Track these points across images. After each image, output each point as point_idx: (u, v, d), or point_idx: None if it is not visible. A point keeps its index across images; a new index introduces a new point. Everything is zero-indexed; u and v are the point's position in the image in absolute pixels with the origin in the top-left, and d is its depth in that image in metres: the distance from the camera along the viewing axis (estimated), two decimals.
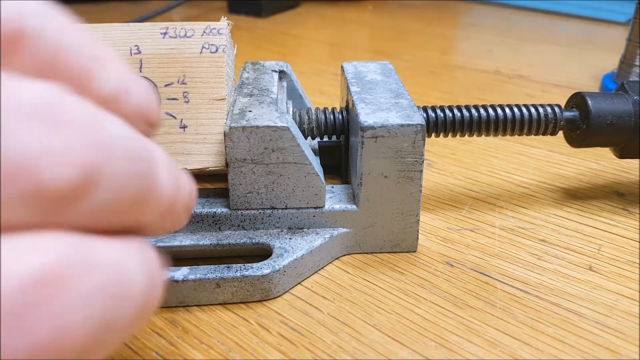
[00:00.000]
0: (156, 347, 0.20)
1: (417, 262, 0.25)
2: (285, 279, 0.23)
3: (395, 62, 0.55)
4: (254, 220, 0.24)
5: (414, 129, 0.23)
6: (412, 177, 0.24)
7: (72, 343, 0.10)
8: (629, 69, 0.45)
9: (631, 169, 0.34)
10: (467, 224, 0.28)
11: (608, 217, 0.28)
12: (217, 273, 0.22)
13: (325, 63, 0.57)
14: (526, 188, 0.31)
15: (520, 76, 0.52)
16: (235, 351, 0.20)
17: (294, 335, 0.21)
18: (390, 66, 0.30)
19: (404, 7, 0.87)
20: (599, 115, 0.26)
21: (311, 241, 0.24)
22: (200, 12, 0.81)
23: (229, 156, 0.23)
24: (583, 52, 0.61)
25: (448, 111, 0.27)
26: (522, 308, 0.22)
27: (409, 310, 0.22)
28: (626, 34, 0.46)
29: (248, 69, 0.30)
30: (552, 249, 0.26)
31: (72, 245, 0.10)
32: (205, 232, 0.25)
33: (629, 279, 0.24)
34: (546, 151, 0.36)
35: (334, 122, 0.28)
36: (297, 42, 0.66)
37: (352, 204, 0.25)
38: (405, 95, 0.26)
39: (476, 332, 0.21)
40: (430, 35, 0.69)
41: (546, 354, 0.20)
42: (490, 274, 0.24)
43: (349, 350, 0.20)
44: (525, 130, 0.27)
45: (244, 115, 0.23)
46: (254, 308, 0.22)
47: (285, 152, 0.23)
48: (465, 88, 0.49)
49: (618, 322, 0.21)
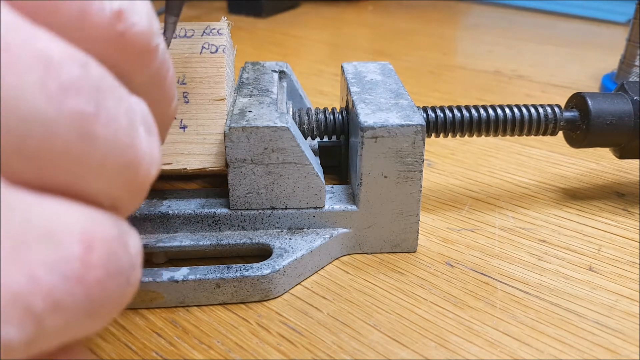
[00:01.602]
0: (156, 347, 0.20)
1: (417, 262, 0.25)
2: (285, 279, 0.23)
3: (395, 62, 0.55)
4: (253, 220, 0.24)
5: (414, 129, 0.23)
6: (412, 178, 0.24)
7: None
8: (629, 69, 0.45)
9: (631, 169, 0.34)
10: (467, 224, 0.28)
11: (608, 217, 0.28)
12: (217, 273, 0.22)
13: (325, 63, 0.57)
14: (526, 188, 0.31)
15: (520, 76, 0.52)
16: (235, 351, 0.20)
17: (294, 336, 0.21)
18: (390, 66, 0.30)
19: (404, 7, 0.87)
20: (599, 116, 0.26)
21: (311, 241, 0.24)
22: (200, 13, 0.81)
23: (229, 156, 0.23)
24: (583, 52, 0.61)
25: (448, 111, 0.27)
26: (522, 308, 0.22)
27: (409, 311, 0.22)
28: (626, 34, 0.46)
29: (248, 69, 0.30)
30: (552, 250, 0.26)
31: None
32: (205, 232, 0.25)
33: (629, 279, 0.24)
34: (546, 151, 0.36)
35: (333, 123, 0.28)
36: (297, 42, 0.66)
37: (352, 204, 0.25)
38: (405, 95, 0.26)
39: (476, 333, 0.21)
40: (430, 36, 0.69)
41: (546, 354, 0.20)
42: (490, 274, 0.24)
43: (348, 351, 0.20)
44: (525, 130, 0.27)
45: (244, 115, 0.23)
46: (254, 308, 0.22)
47: (285, 152, 0.23)
48: (465, 88, 0.49)
49: (618, 322, 0.21)
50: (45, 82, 0.10)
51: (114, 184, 0.12)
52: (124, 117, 0.12)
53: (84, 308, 0.11)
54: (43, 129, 0.10)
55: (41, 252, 0.10)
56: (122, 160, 0.12)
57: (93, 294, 0.11)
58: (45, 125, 0.10)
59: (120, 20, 0.12)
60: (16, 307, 0.10)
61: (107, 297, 0.11)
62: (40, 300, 0.10)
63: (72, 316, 0.11)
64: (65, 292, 0.10)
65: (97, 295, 0.11)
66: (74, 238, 0.11)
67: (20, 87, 0.10)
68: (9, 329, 0.10)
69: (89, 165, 0.11)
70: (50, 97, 0.10)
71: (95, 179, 0.12)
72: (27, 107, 0.10)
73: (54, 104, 0.10)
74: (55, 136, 0.10)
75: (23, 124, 0.10)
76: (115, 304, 0.12)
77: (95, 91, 0.11)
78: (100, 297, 0.11)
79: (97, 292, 0.11)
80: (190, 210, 0.24)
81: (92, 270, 0.11)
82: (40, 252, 0.10)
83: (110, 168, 0.12)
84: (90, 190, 0.12)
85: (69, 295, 0.10)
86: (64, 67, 0.11)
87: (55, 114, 0.10)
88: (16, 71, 0.10)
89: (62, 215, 0.11)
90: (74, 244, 0.11)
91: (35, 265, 0.10)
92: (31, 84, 0.10)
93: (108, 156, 0.12)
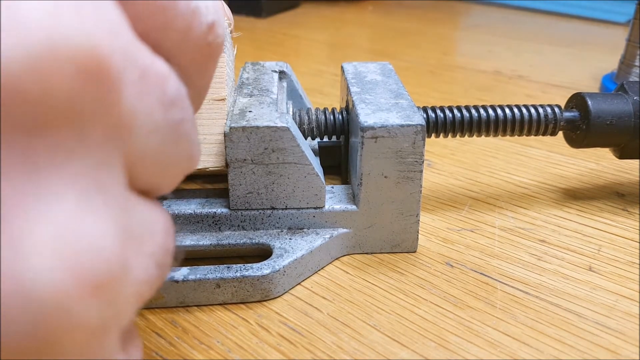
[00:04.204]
0: (156, 347, 0.20)
1: (417, 262, 0.25)
2: (285, 279, 0.23)
3: (395, 62, 0.55)
4: (254, 220, 0.24)
5: (414, 130, 0.23)
6: (412, 178, 0.24)
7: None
8: (628, 69, 0.45)
9: (631, 169, 0.34)
10: (467, 224, 0.28)
11: (608, 217, 0.28)
12: (217, 273, 0.22)
13: (325, 63, 0.57)
14: (526, 188, 0.31)
15: (520, 76, 0.52)
16: (234, 351, 0.20)
17: (294, 336, 0.21)
18: (390, 66, 0.30)
19: (404, 7, 0.87)
20: (599, 116, 0.26)
21: (311, 241, 0.24)
22: None
23: (229, 156, 0.23)
24: (583, 52, 0.61)
25: (448, 111, 0.27)
26: (522, 308, 0.22)
27: (409, 311, 0.22)
28: (626, 34, 0.46)
29: (248, 70, 0.30)
30: (552, 250, 0.26)
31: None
32: (205, 232, 0.25)
33: (628, 279, 0.24)
34: (546, 152, 0.36)
35: (334, 123, 0.28)
36: (297, 42, 0.66)
37: (352, 205, 0.25)
38: (405, 95, 0.26)
39: (476, 333, 0.21)
40: (430, 36, 0.69)
41: (546, 355, 0.20)
42: (490, 275, 0.24)
43: (348, 351, 0.20)
44: (525, 130, 0.27)
45: (244, 115, 0.23)
46: (254, 308, 0.22)
47: (285, 152, 0.23)
48: (465, 88, 0.49)
49: (618, 322, 0.21)
50: (161, 98, 0.12)
51: (178, 174, 0.14)
52: (192, 116, 0.14)
53: (156, 286, 0.13)
54: (158, 139, 0.12)
55: (149, 246, 0.12)
56: (190, 152, 0.14)
57: (164, 274, 0.13)
58: (160, 136, 0.12)
59: (211, 33, 0.13)
60: (139, 292, 0.12)
61: (164, 277, 0.13)
62: (147, 286, 0.12)
63: (151, 292, 0.12)
64: (156, 275, 0.12)
65: (164, 274, 0.13)
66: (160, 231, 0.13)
67: (150, 106, 0.11)
68: (134, 308, 0.12)
69: (172, 163, 0.13)
70: (164, 110, 0.12)
71: (171, 173, 0.13)
72: (153, 122, 0.12)
73: (163, 114, 0.12)
74: (162, 144, 0.12)
75: (150, 139, 0.12)
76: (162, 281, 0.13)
77: (184, 99, 0.13)
78: (163, 277, 0.13)
79: (164, 273, 0.13)
80: (190, 210, 0.24)
81: (167, 256, 0.13)
82: (149, 246, 0.12)
83: (182, 161, 0.13)
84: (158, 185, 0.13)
85: (156, 277, 0.12)
86: (172, 80, 0.12)
87: (164, 124, 0.12)
88: (147, 94, 0.11)
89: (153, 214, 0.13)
90: (160, 236, 0.13)
91: (147, 258, 0.12)
92: (154, 100, 0.12)
93: (184, 151, 0.13)
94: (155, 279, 0.12)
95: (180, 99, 0.12)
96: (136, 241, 0.11)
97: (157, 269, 0.12)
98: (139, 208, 0.12)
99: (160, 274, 0.13)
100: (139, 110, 0.11)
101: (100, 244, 0.10)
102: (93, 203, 0.10)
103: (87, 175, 0.10)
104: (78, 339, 0.10)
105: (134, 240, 0.11)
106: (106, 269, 0.10)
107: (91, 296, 0.10)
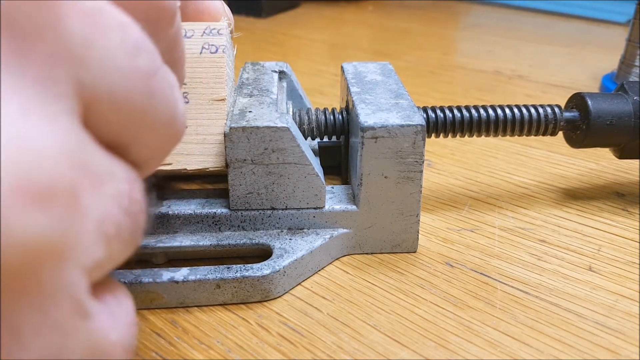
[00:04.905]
0: (156, 347, 0.20)
1: (417, 262, 0.25)
2: (285, 279, 0.23)
3: (395, 62, 0.55)
4: (254, 220, 0.24)
5: (414, 130, 0.23)
6: (412, 178, 0.24)
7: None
8: (628, 69, 0.45)
9: (631, 169, 0.34)
10: (467, 224, 0.28)
11: (608, 217, 0.28)
12: (217, 274, 0.22)
13: (325, 63, 0.57)
14: (526, 188, 0.31)
15: (520, 77, 0.52)
16: (235, 351, 0.20)
17: (294, 336, 0.21)
18: (390, 66, 0.30)
19: (404, 7, 0.87)
20: (599, 116, 0.26)
21: (311, 242, 0.24)
22: None
23: (229, 157, 0.23)
24: (583, 52, 0.61)
25: (448, 112, 0.27)
26: (522, 308, 0.22)
27: (409, 311, 0.22)
28: (626, 34, 0.46)
29: (248, 70, 0.30)
30: (551, 250, 0.26)
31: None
32: (205, 232, 0.25)
33: (628, 279, 0.24)
34: (546, 151, 0.36)
35: (334, 123, 0.28)
36: (297, 42, 0.66)
37: (352, 205, 0.25)
38: (405, 95, 0.26)
39: (476, 333, 0.21)
40: (431, 36, 0.69)
41: (546, 355, 0.20)
42: (490, 275, 0.24)
43: (348, 351, 0.20)
44: (525, 130, 0.27)
45: (244, 115, 0.23)
46: (254, 308, 0.22)
47: (285, 152, 0.23)
48: (466, 88, 0.49)
49: (618, 322, 0.21)
50: (122, 39, 0.12)
51: (158, 139, 0.13)
52: (169, 75, 0.13)
53: (128, 236, 0.12)
54: (124, 84, 0.12)
55: (109, 188, 0.12)
56: (169, 114, 0.13)
57: (135, 224, 0.13)
58: (125, 81, 0.12)
59: None
60: (100, 230, 0.11)
61: (137, 229, 0.13)
62: (112, 227, 0.12)
63: (122, 242, 0.12)
64: (122, 221, 0.12)
65: (134, 224, 0.13)
66: (124, 178, 0.12)
67: (108, 47, 0.11)
68: (96, 248, 0.11)
69: (146, 121, 0.13)
70: (128, 56, 0.12)
71: (147, 135, 0.13)
72: (114, 64, 0.11)
73: (129, 60, 0.12)
74: (130, 92, 0.12)
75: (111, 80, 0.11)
76: (139, 237, 0.13)
77: (153, 51, 0.13)
78: (135, 228, 0.13)
79: (134, 223, 0.13)
80: (190, 211, 0.24)
81: (135, 204, 0.13)
82: (109, 188, 0.12)
83: (160, 123, 0.13)
84: (136, 147, 0.13)
85: (123, 223, 0.12)
86: (134, 28, 0.12)
87: (131, 71, 0.12)
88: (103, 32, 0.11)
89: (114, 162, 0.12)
90: (124, 183, 0.12)
91: (108, 198, 0.12)
92: (115, 43, 0.11)
93: (161, 111, 0.13)
94: (125, 227, 0.12)
95: (145, 47, 0.12)
96: (91, 176, 0.11)
97: (123, 214, 0.12)
98: (99, 152, 0.12)
99: (130, 224, 0.12)
100: (93, 40, 0.11)
101: (42, 154, 0.10)
102: (37, 116, 0.10)
103: (31, 88, 0.10)
104: (21, 254, 0.09)
105: (88, 174, 0.11)
106: (47, 179, 0.10)
107: (29, 204, 0.09)
